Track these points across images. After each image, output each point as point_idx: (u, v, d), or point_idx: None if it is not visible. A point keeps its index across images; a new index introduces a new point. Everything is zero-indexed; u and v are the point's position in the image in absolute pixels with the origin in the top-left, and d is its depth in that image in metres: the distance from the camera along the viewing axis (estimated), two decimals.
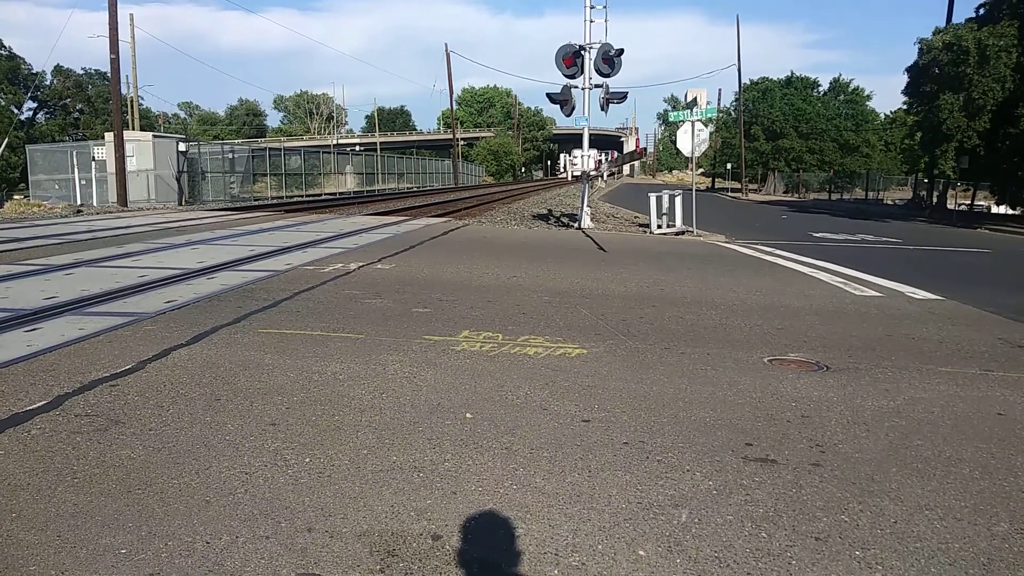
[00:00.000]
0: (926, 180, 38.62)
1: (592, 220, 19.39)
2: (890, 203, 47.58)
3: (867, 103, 67.29)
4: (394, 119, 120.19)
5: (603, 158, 19.15)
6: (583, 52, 16.93)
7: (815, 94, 66.73)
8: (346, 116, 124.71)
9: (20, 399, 4.24)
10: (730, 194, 57.22)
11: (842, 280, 10.20)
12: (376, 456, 3.56)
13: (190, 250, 11.63)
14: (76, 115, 60.69)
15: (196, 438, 3.73)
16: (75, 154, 28.48)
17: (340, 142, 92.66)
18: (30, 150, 31.46)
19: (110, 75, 26.02)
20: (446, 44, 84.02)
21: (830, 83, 67.80)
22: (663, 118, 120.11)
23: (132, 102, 43.43)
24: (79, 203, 26.03)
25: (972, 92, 26.21)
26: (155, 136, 29.70)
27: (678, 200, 18.09)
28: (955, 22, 29.78)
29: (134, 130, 37.67)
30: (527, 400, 4.46)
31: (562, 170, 19.53)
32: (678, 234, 17.50)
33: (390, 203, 31.76)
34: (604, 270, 10.56)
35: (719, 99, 68.58)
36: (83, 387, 4.48)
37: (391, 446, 3.68)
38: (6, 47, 56.31)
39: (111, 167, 25.44)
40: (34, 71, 57.10)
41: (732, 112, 66.43)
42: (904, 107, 39.75)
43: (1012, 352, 6.12)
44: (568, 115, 17.87)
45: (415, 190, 51.65)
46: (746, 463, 3.56)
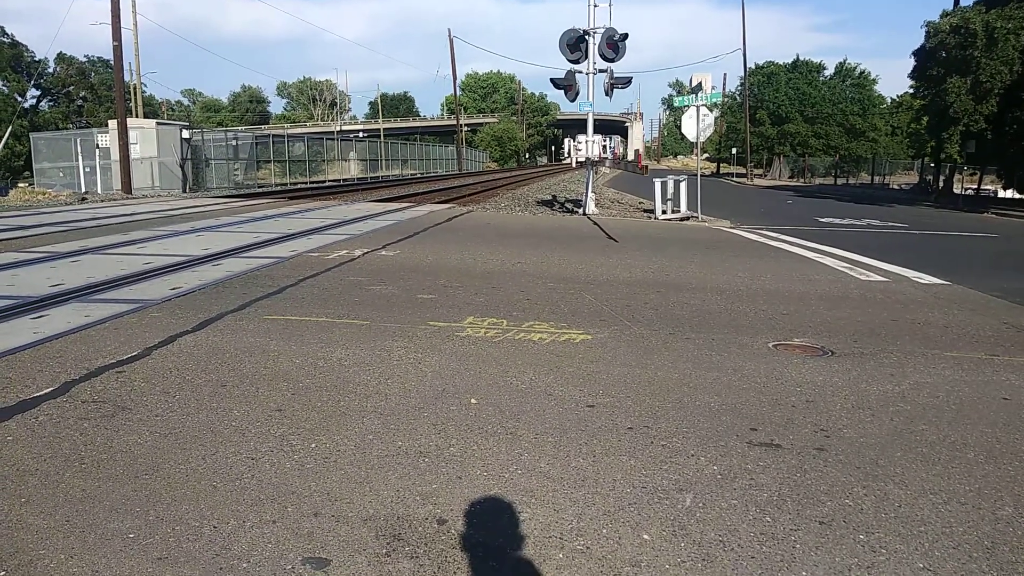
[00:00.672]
0: (932, 164, 38.40)
1: (597, 206, 19.33)
2: (896, 188, 47.34)
3: (873, 87, 66.75)
4: (397, 105, 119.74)
5: (607, 143, 19.05)
6: (587, 37, 16.81)
7: (821, 78, 66.21)
8: (349, 102, 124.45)
9: (27, 386, 4.26)
10: (735, 179, 57.01)
11: (847, 265, 10.17)
12: (381, 441, 3.57)
13: (195, 237, 11.64)
14: (79, 103, 60.61)
15: (202, 424, 3.75)
16: (79, 142, 28.46)
17: (343, 128, 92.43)
18: (34, 138, 31.45)
19: (113, 62, 25.97)
20: (449, 29, 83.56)
21: (836, 67, 67.23)
22: (668, 103, 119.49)
23: (135, 89, 43.35)
24: (84, 191, 26.06)
25: (979, 75, 25.98)
26: (159, 123, 29.68)
27: (683, 185, 18.02)
28: (963, 5, 29.52)
29: (137, 117, 37.61)
30: (532, 386, 4.47)
31: (566, 156, 19.47)
32: (683, 220, 17.45)
33: (394, 189, 31.72)
34: (609, 256, 10.55)
35: (724, 84, 68.10)
36: (90, 374, 4.50)
37: (396, 431, 3.70)
38: (8, 35, 56.19)
39: (115, 155, 25.43)
40: (37, 59, 56.99)
41: (737, 97, 66.01)
42: (911, 91, 39.49)
43: (1017, 337, 6.11)
44: (572, 100, 17.77)
45: (419, 176, 51.57)
46: (751, 448, 3.57)
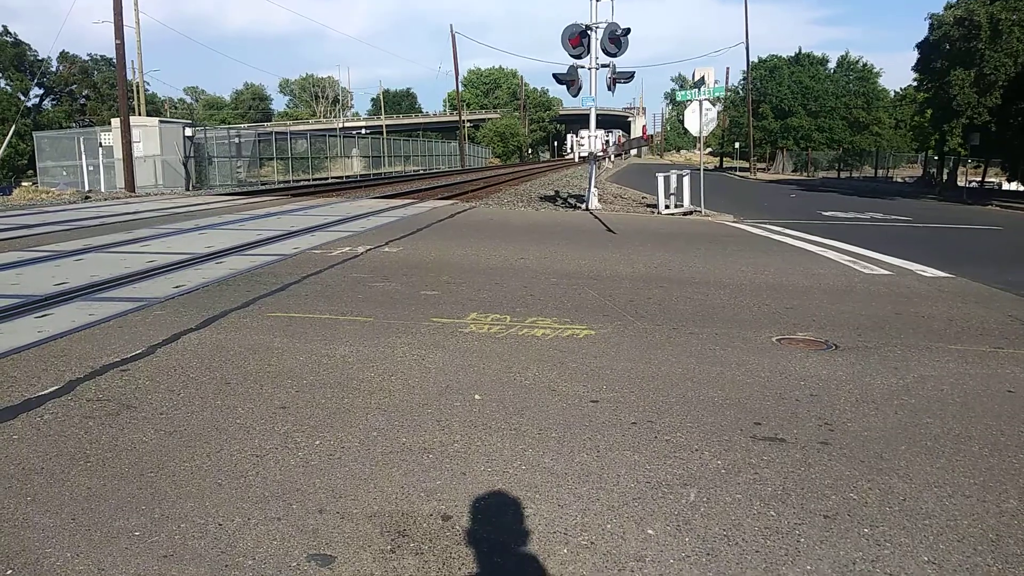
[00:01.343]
0: (936, 157, 38.29)
1: (600, 201, 19.31)
2: (900, 181, 47.23)
3: (877, 80, 66.54)
4: (400, 101, 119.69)
5: (610, 138, 19.02)
6: (589, 32, 16.78)
7: (825, 72, 66.00)
8: (352, 99, 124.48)
9: (32, 384, 4.28)
10: (738, 173, 56.88)
11: (851, 259, 10.15)
12: (386, 438, 3.58)
13: (198, 235, 11.66)
14: (82, 101, 60.70)
15: (207, 421, 3.76)
16: (82, 140, 28.50)
17: (346, 125, 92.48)
18: (37, 137, 31.47)
19: (115, 61, 25.96)
20: (451, 25, 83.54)
21: (838, 60, 67.08)
22: (670, 98, 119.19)
23: (138, 87, 43.41)
24: (87, 189, 26.10)
25: (983, 67, 25.89)
26: (161, 121, 29.69)
27: (686, 180, 17.99)
28: None
29: (140, 115, 37.64)
30: (536, 381, 4.47)
31: (569, 151, 19.45)
32: (686, 214, 17.42)
33: (397, 186, 31.71)
34: (612, 251, 10.54)
35: (727, 78, 67.93)
36: (94, 372, 4.51)
37: (400, 428, 3.70)
38: (11, 33, 56.29)
39: (118, 153, 25.46)
40: (40, 57, 57.09)
41: (740, 91, 65.83)
42: (914, 84, 39.32)
43: (1022, 329, 6.09)
44: (575, 95, 17.75)
45: (421, 172, 51.53)
46: (755, 442, 3.57)
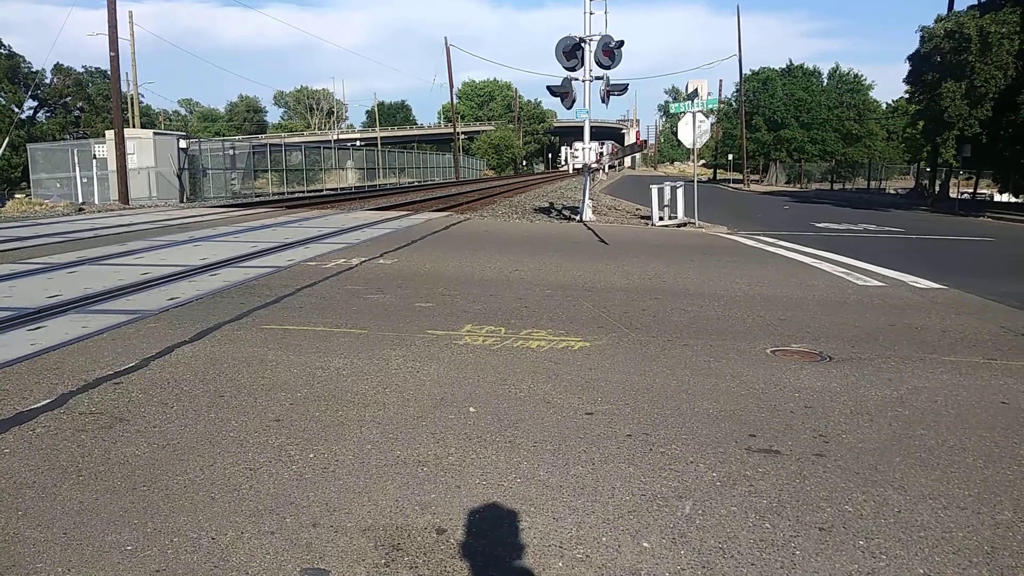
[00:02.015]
0: (928, 169, 38.51)
1: (594, 213, 19.36)
2: (892, 192, 47.46)
3: (868, 92, 66.97)
4: (394, 113, 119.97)
5: (604, 150, 19.08)
6: (583, 44, 16.87)
7: (817, 84, 66.42)
8: (346, 111, 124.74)
9: (25, 398, 4.25)
10: (732, 185, 57.10)
11: (844, 270, 10.19)
12: (380, 451, 3.56)
13: (192, 247, 11.64)
14: (77, 113, 60.59)
15: (200, 435, 3.74)
16: (76, 152, 28.47)
17: (341, 137, 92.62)
18: (31, 149, 31.43)
19: (110, 73, 25.99)
20: (446, 38, 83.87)
21: (829, 72, 67.49)
22: (664, 110, 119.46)
23: (132, 100, 43.44)
24: (81, 201, 26.04)
25: (974, 80, 26.08)
26: (156, 133, 29.68)
27: (680, 192, 18.05)
28: (957, 9, 29.65)
29: (135, 128, 37.67)
30: (530, 394, 4.47)
31: (563, 163, 19.49)
32: (680, 226, 17.47)
33: (391, 198, 31.73)
34: (606, 263, 10.56)
35: (720, 90, 68.03)
36: (87, 385, 4.49)
37: (395, 441, 3.69)
38: (6, 46, 56.15)
39: (112, 165, 25.44)
40: (34, 69, 56.95)
41: (733, 103, 66.20)
42: (906, 96, 39.60)
43: (1015, 340, 6.11)
44: (569, 108, 17.83)
45: (416, 184, 51.58)
46: (750, 454, 3.57)
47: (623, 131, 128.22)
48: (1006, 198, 35.99)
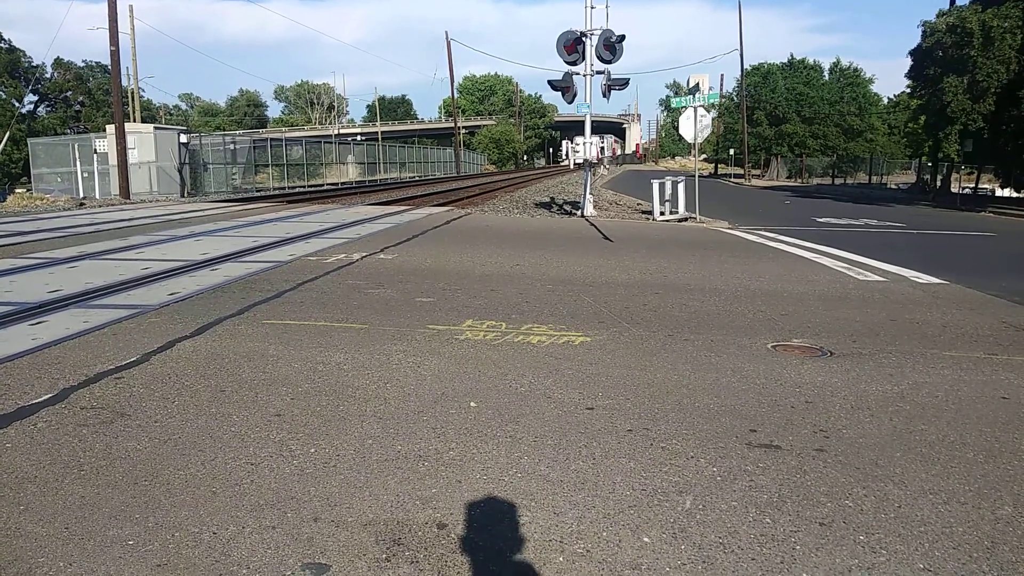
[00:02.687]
0: (930, 164, 38.45)
1: (595, 208, 19.34)
2: (894, 187, 47.40)
3: (869, 86, 66.74)
4: (395, 108, 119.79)
5: (604, 145, 19.06)
6: (584, 38, 16.83)
7: (819, 78, 66.20)
8: (347, 106, 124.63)
9: (26, 392, 4.26)
10: (733, 180, 57.04)
11: (845, 265, 10.18)
12: (381, 445, 3.57)
13: (193, 242, 11.64)
14: (77, 108, 60.57)
15: (202, 429, 3.74)
16: (77, 147, 28.47)
17: (341, 132, 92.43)
18: (32, 143, 31.44)
19: (110, 67, 25.97)
20: (447, 32, 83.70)
21: (830, 67, 67.25)
22: (665, 104, 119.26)
23: (133, 94, 43.40)
24: (82, 196, 26.05)
25: (976, 74, 26.03)
26: (156, 128, 29.65)
27: (681, 187, 18.03)
28: (959, 3, 29.56)
29: (135, 122, 37.64)
30: (531, 388, 4.47)
31: (564, 157, 19.47)
32: (681, 221, 17.46)
33: (392, 192, 31.72)
34: (607, 258, 10.55)
35: (722, 84, 68.03)
36: (88, 380, 4.49)
37: (396, 435, 3.70)
38: (6, 40, 56.19)
39: (113, 160, 25.43)
40: (34, 64, 56.97)
41: (735, 97, 66.04)
42: (908, 90, 39.53)
43: (1016, 336, 6.11)
44: (570, 102, 17.78)
45: (417, 179, 51.55)
46: (750, 449, 3.57)
47: (624, 125, 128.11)
48: (1008, 193, 35.91)
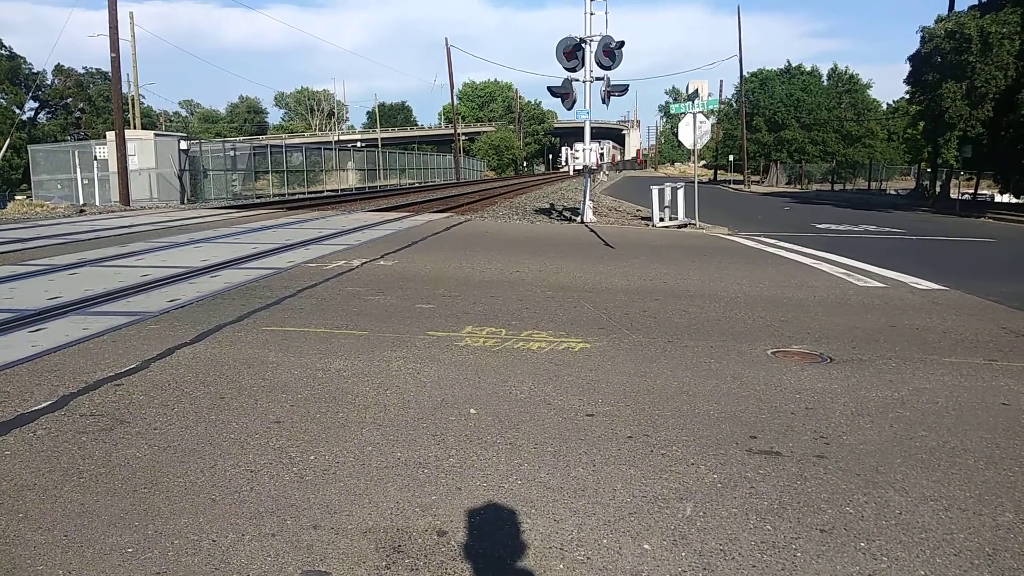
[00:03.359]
0: (929, 170, 38.49)
1: (594, 214, 19.36)
2: (893, 193, 47.43)
3: (866, 91, 66.85)
4: (395, 114, 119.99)
5: (604, 151, 19.09)
6: (584, 45, 16.88)
7: (818, 84, 66.34)
8: (347, 112, 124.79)
9: (25, 399, 4.25)
10: (732, 186, 57.06)
11: (845, 271, 10.18)
12: (381, 452, 3.56)
13: (193, 248, 11.64)
14: (77, 114, 60.62)
15: (201, 437, 3.74)
16: (77, 154, 28.51)
17: (341, 138, 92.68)
18: (32, 150, 31.47)
19: (111, 74, 26.02)
20: (446, 38, 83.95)
21: (828, 72, 67.39)
22: (665, 110, 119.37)
23: (133, 101, 43.46)
24: (82, 203, 26.05)
25: (975, 80, 26.06)
26: (157, 135, 29.71)
27: (680, 193, 18.05)
28: (957, 9, 29.65)
29: (135, 129, 37.68)
30: (531, 395, 4.47)
31: (564, 164, 19.50)
32: (680, 227, 17.47)
33: (392, 199, 31.74)
34: (607, 264, 10.55)
35: (721, 90, 67.94)
36: (88, 387, 4.49)
37: (396, 442, 3.69)
38: (6, 47, 56.22)
39: (113, 166, 25.46)
40: (35, 71, 57.02)
41: (734, 103, 66.18)
42: (906, 96, 39.59)
43: (1016, 342, 6.11)
44: (569, 108, 17.83)
45: (417, 185, 51.59)
46: (750, 456, 3.57)
47: (624, 131, 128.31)
48: (1007, 199, 35.92)
